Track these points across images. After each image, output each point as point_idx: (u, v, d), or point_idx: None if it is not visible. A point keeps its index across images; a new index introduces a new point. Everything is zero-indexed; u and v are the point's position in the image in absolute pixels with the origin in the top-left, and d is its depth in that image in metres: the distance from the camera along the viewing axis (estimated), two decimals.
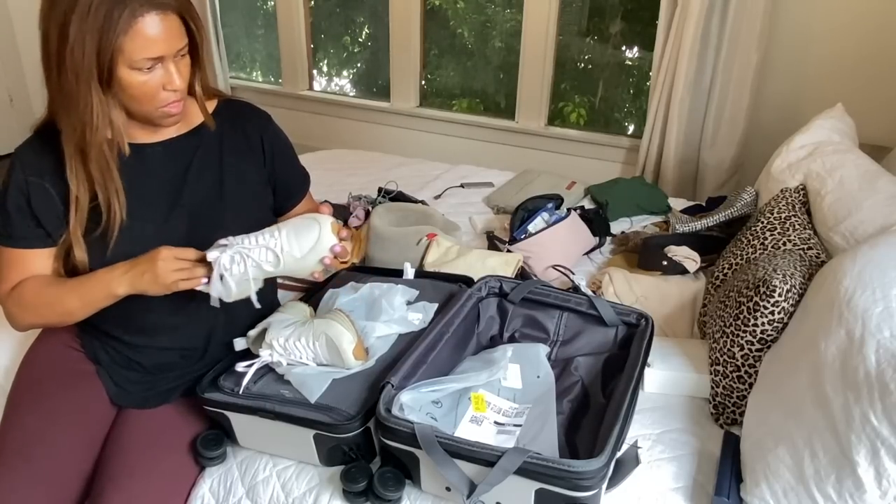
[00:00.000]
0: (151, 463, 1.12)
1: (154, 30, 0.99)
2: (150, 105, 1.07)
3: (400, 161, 2.69)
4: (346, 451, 1.11)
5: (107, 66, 0.99)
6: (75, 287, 1.11)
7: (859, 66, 2.57)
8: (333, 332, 1.13)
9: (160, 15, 1.00)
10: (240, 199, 1.22)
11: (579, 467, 0.93)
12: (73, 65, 0.98)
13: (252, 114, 1.27)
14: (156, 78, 1.04)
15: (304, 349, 1.15)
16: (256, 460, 1.18)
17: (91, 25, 0.96)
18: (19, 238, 1.12)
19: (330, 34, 3.87)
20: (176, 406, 1.23)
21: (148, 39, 0.99)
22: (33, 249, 1.13)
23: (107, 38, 0.97)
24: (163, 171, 1.17)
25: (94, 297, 1.10)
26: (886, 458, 0.88)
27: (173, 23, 1.02)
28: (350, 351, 1.13)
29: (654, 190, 2.30)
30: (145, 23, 0.98)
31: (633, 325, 1.31)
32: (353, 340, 1.14)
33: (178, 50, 1.05)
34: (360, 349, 1.15)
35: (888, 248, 1.05)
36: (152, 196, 1.16)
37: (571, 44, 3.23)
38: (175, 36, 1.03)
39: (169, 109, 1.09)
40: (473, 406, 1.15)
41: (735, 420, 1.24)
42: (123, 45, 0.98)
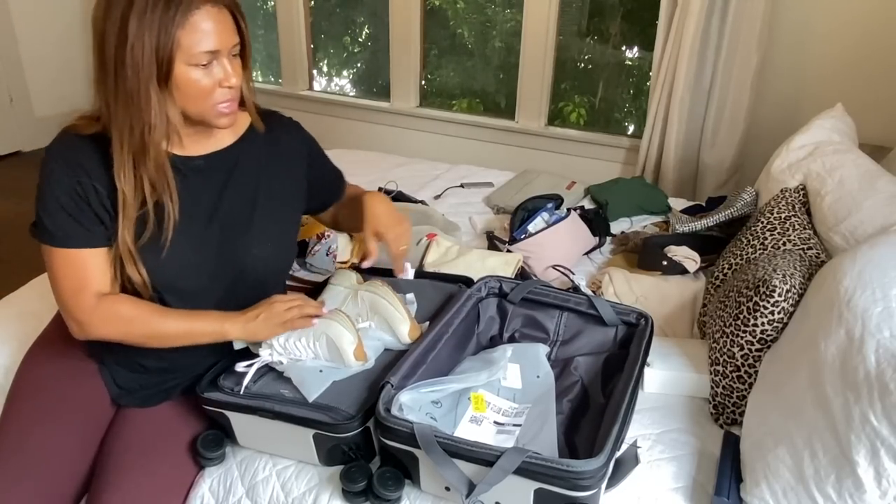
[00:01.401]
0: (150, 462, 1.12)
1: (209, 23, 1.01)
2: (206, 103, 1.07)
3: (400, 161, 2.69)
4: (345, 450, 1.11)
5: (165, 62, 1.00)
6: (184, 319, 1.12)
7: (859, 66, 2.57)
8: (334, 333, 1.13)
9: (214, 7, 1.02)
10: (270, 209, 1.22)
11: (578, 467, 0.93)
12: (133, 63, 0.99)
13: (285, 124, 1.28)
14: (212, 74, 1.05)
15: (305, 349, 1.15)
16: (256, 460, 1.18)
17: (149, 22, 0.97)
18: (71, 238, 1.08)
19: (330, 34, 3.87)
20: (175, 405, 1.23)
21: (204, 32, 1.01)
22: (90, 249, 1.09)
23: (165, 33, 0.98)
24: (201, 186, 1.16)
25: (202, 334, 1.13)
26: (886, 458, 0.88)
27: (226, 17, 1.04)
28: (351, 351, 1.14)
29: (654, 190, 2.30)
30: (201, 15, 1.00)
31: (633, 324, 1.31)
32: (354, 341, 1.14)
33: (233, 46, 1.06)
34: (360, 350, 1.16)
35: (888, 248, 1.05)
36: (189, 208, 1.14)
37: (571, 44, 3.23)
38: (229, 31, 1.05)
39: (224, 108, 1.09)
40: (473, 406, 1.15)
41: (735, 420, 1.24)
42: (181, 40, 1.00)
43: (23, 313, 1.53)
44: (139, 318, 1.10)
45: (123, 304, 1.11)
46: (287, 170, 1.26)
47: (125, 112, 1.02)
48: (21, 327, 1.47)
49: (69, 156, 1.07)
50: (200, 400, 1.14)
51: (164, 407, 1.22)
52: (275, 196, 1.23)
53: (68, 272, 1.09)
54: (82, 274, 1.09)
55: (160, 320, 1.11)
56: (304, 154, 1.29)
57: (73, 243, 1.08)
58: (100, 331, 1.11)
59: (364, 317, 1.23)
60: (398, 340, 1.22)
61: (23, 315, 1.52)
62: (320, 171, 1.34)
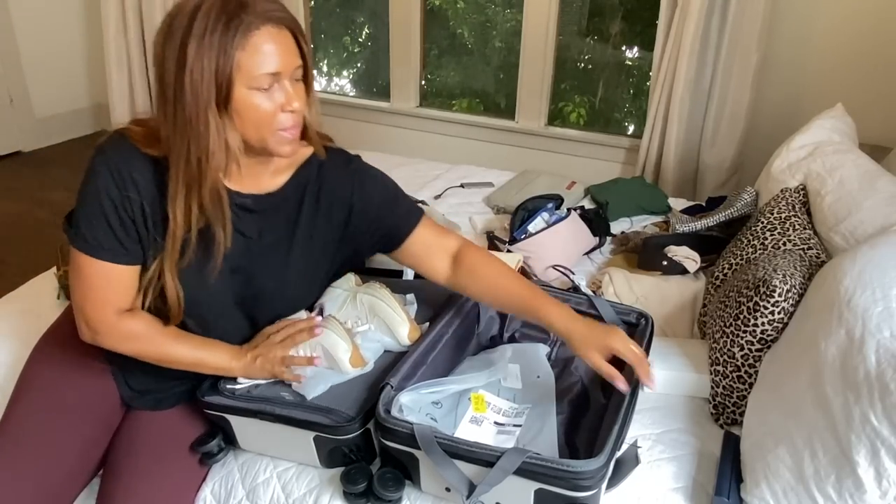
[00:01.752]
0: (162, 464, 1.12)
1: (270, 44, 0.97)
2: (268, 129, 1.02)
3: (400, 161, 2.69)
4: (346, 452, 1.11)
5: (225, 85, 0.96)
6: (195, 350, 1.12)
7: (859, 66, 2.57)
8: (328, 343, 1.13)
9: (275, 28, 0.98)
10: (302, 261, 1.18)
11: (579, 467, 0.93)
12: (192, 88, 0.95)
13: (345, 169, 1.19)
14: (273, 99, 1.00)
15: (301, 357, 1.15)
16: (257, 462, 1.18)
17: (208, 45, 0.94)
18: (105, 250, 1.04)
19: (330, 34, 3.87)
20: (186, 409, 1.22)
21: (265, 54, 0.97)
22: (122, 266, 1.06)
23: (225, 55, 0.94)
24: (242, 225, 1.13)
25: (208, 367, 1.13)
26: (886, 458, 0.88)
27: (288, 38, 1.00)
28: (347, 360, 1.14)
29: (654, 190, 2.30)
30: (261, 36, 0.96)
31: (633, 324, 1.31)
32: (349, 349, 1.14)
33: (295, 69, 1.01)
34: (356, 356, 1.15)
35: (888, 248, 1.05)
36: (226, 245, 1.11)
37: (571, 44, 3.23)
38: (291, 52, 1.00)
39: (285, 134, 1.03)
40: (473, 406, 1.15)
41: (735, 420, 1.24)
42: (241, 62, 0.96)
43: (23, 311, 1.54)
44: (153, 341, 1.10)
45: (140, 324, 1.10)
46: (333, 217, 1.18)
47: (183, 139, 0.98)
48: (21, 326, 1.47)
49: (122, 167, 1.03)
50: (201, 404, 1.14)
51: (176, 410, 1.21)
52: (308, 242, 1.18)
53: (94, 282, 1.06)
54: (108, 287, 1.07)
55: (173, 346, 1.11)
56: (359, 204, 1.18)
57: (105, 256, 1.05)
58: (111, 344, 1.10)
59: (363, 319, 1.22)
60: (398, 342, 1.22)
61: (23, 313, 1.53)
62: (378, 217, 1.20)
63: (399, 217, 1.22)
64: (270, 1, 0.99)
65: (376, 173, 1.22)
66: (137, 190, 1.03)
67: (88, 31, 4.03)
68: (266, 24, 0.97)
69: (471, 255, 1.21)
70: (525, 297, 1.15)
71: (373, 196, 1.19)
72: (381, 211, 1.20)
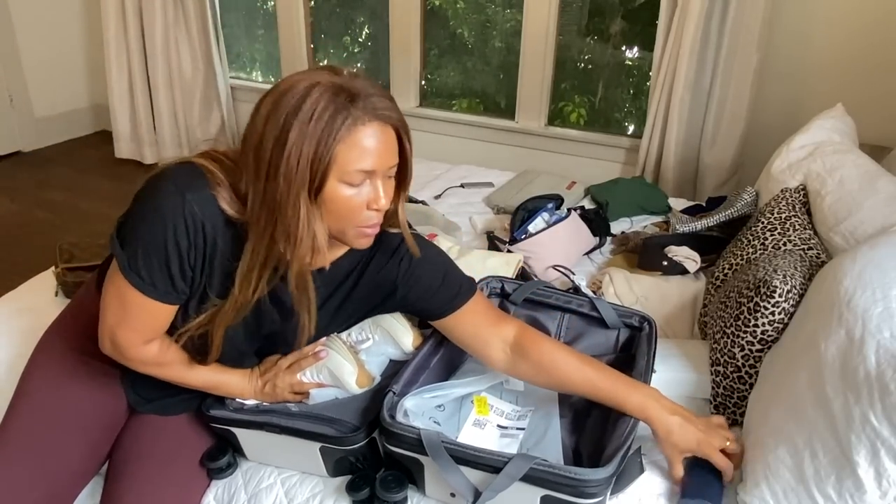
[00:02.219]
0: (167, 468, 1.12)
1: (372, 141, 0.94)
2: (351, 223, 0.99)
3: None
4: (353, 461, 1.11)
5: (320, 175, 0.93)
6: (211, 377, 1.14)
7: (859, 66, 2.57)
8: (334, 365, 1.14)
9: (381, 127, 0.95)
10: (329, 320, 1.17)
11: (587, 476, 0.93)
12: (287, 171, 0.91)
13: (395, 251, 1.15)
14: (363, 194, 0.97)
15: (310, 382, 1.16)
16: (261, 468, 1.18)
17: (312, 131, 0.91)
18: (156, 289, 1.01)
19: (330, 34, 3.87)
20: (191, 414, 1.22)
21: (364, 151, 0.94)
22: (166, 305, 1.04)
23: (325, 144, 0.91)
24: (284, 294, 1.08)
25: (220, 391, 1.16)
26: (886, 458, 0.88)
27: (391, 138, 0.98)
28: (353, 382, 1.14)
29: (654, 190, 2.30)
30: (365, 133, 0.93)
31: (636, 327, 1.31)
32: (354, 371, 1.14)
33: (390, 167, 0.99)
34: (363, 376, 1.15)
35: (888, 249, 1.05)
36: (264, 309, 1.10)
37: (571, 44, 3.23)
38: (390, 151, 0.98)
39: (367, 230, 1.01)
40: (476, 409, 1.15)
41: (735, 420, 1.24)
42: (339, 154, 0.92)
43: (22, 310, 1.54)
44: (171, 367, 1.12)
45: (161, 351, 1.09)
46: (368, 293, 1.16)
47: (271, 218, 0.94)
48: (21, 325, 1.47)
49: (197, 215, 0.97)
50: (206, 418, 1.14)
51: (183, 416, 1.21)
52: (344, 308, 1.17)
53: (133, 312, 1.03)
54: (146, 319, 1.04)
55: (189, 372, 1.13)
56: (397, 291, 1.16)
57: (153, 295, 1.01)
58: (130, 364, 1.11)
59: (366, 330, 1.21)
60: (402, 351, 1.22)
61: (22, 312, 1.53)
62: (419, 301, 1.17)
63: (442, 300, 1.17)
64: (382, 98, 0.96)
65: (427, 256, 1.17)
66: (206, 243, 0.99)
67: (88, 31, 4.03)
68: (374, 121, 0.94)
69: (536, 348, 1.14)
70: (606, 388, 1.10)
71: (420, 280, 1.16)
72: (425, 294, 1.16)
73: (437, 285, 1.16)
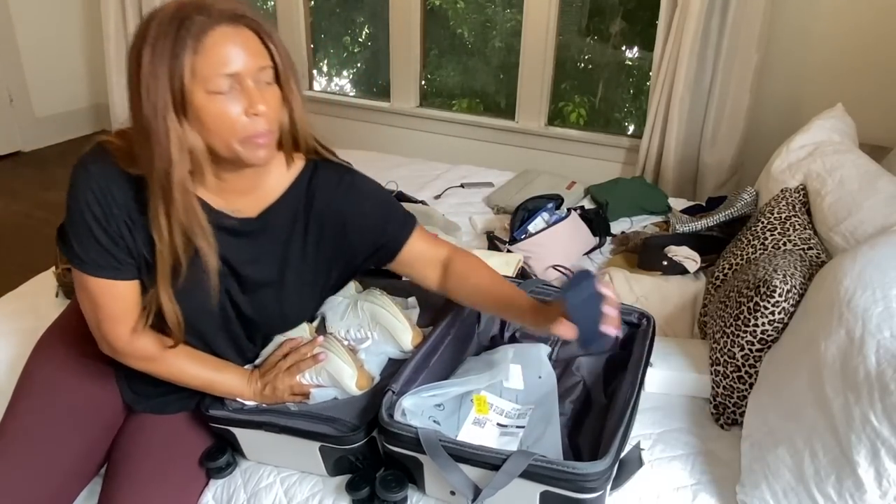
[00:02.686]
0: (164, 468, 1.12)
1: (225, 44, 0.92)
2: (234, 136, 0.96)
3: (400, 161, 2.69)
4: (352, 460, 1.11)
5: (180, 90, 0.92)
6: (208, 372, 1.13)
7: (859, 66, 2.57)
8: (333, 368, 1.14)
9: (231, 27, 0.93)
10: (298, 278, 1.16)
11: (585, 469, 0.93)
12: (148, 96, 0.92)
13: (338, 184, 1.14)
14: (235, 102, 0.95)
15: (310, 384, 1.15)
16: (260, 467, 1.18)
17: (161, 49, 0.90)
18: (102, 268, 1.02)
19: (330, 34, 3.87)
20: (189, 413, 1.22)
21: (219, 55, 0.92)
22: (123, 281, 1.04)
23: (177, 59, 0.91)
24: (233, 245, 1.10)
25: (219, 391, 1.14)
26: (886, 458, 0.88)
27: (248, 38, 0.95)
28: (353, 385, 1.14)
29: (654, 190, 2.30)
30: (215, 37, 0.92)
31: (635, 324, 1.31)
32: (354, 374, 1.14)
33: (259, 69, 0.96)
34: (362, 378, 1.15)
35: (888, 248, 1.06)
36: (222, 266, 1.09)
37: (571, 44, 3.23)
38: (250, 52, 0.94)
39: (256, 140, 0.97)
40: (476, 408, 1.15)
41: (735, 420, 1.24)
42: (195, 65, 0.91)
43: (22, 310, 1.54)
44: (168, 362, 1.11)
45: (156, 345, 1.09)
46: (326, 236, 1.15)
47: (147, 149, 0.95)
48: (21, 325, 1.47)
49: (103, 184, 1.00)
50: (206, 417, 1.14)
51: (180, 415, 1.21)
52: (304, 260, 1.15)
53: (100, 300, 1.05)
54: (114, 304, 1.05)
55: (187, 368, 1.12)
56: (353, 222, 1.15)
57: (103, 274, 1.02)
58: (130, 363, 1.11)
59: (365, 327, 1.21)
60: (401, 349, 1.22)
61: (23, 312, 1.53)
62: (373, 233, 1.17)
63: (393, 231, 1.18)
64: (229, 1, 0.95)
65: (370, 188, 1.18)
66: (118, 205, 1.00)
67: (88, 31, 4.03)
68: (220, 24, 0.92)
69: (460, 262, 1.20)
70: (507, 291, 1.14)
71: (366, 213, 1.15)
72: (375, 227, 1.17)
73: (385, 214, 1.18)
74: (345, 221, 1.14)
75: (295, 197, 1.13)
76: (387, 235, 1.18)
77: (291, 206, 1.13)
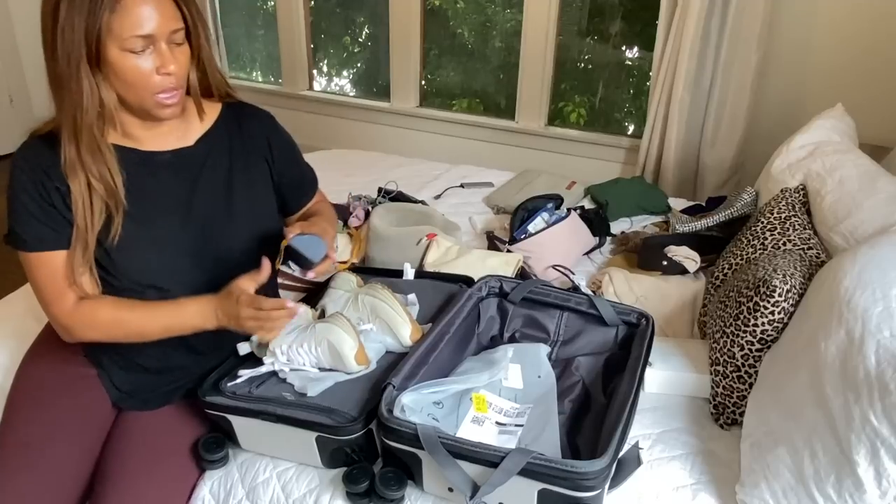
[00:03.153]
0: (152, 465, 1.12)
1: (141, 7, 0.97)
2: (144, 91, 1.03)
3: (400, 161, 2.69)
4: (348, 453, 1.11)
5: (95, 46, 0.98)
6: (159, 316, 1.11)
7: (859, 66, 2.58)
8: (335, 338, 1.13)
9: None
10: (248, 207, 1.21)
11: (583, 468, 0.93)
12: (63, 46, 0.97)
13: (257, 116, 1.26)
14: (148, 61, 1.01)
15: (307, 355, 1.15)
16: (257, 462, 1.18)
17: (79, 4, 0.95)
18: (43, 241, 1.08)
19: (330, 34, 3.87)
20: (176, 408, 1.23)
21: (136, 17, 0.97)
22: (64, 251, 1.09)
23: (94, 16, 0.96)
24: (172, 181, 1.16)
25: (180, 328, 1.12)
26: (886, 458, 0.88)
27: (164, 2, 1.00)
28: (352, 356, 1.14)
29: (654, 190, 2.30)
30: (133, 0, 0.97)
31: (634, 324, 1.32)
32: (355, 346, 1.14)
33: (172, 32, 1.02)
34: (361, 354, 1.16)
35: (888, 248, 1.05)
36: (162, 205, 1.14)
37: (571, 44, 3.23)
38: (166, 16, 1.00)
39: (164, 99, 1.05)
40: (475, 406, 1.15)
41: (735, 420, 1.24)
42: (111, 24, 0.97)
43: (23, 313, 1.54)
44: (119, 321, 1.11)
45: (102, 308, 1.11)
46: (259, 164, 1.24)
47: (60, 96, 1.01)
48: (22, 327, 1.47)
49: (31, 159, 1.07)
50: (202, 404, 1.14)
51: (166, 410, 1.22)
52: (248, 187, 1.22)
53: (46, 279, 1.09)
54: (58, 277, 1.09)
55: (139, 319, 1.11)
56: (276, 146, 1.25)
57: (44, 246, 1.08)
58: (84, 334, 1.12)
59: (365, 320, 1.23)
60: (400, 343, 1.22)
61: (23, 315, 1.53)
62: (291, 167, 1.30)
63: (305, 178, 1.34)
64: None
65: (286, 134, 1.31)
66: (47, 174, 1.06)
67: None
68: None
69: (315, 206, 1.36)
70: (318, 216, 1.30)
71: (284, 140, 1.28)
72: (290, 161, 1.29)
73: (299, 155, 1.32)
74: (270, 145, 1.25)
75: (225, 127, 1.21)
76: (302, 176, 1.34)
77: (225, 135, 1.21)
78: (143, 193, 1.12)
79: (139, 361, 1.21)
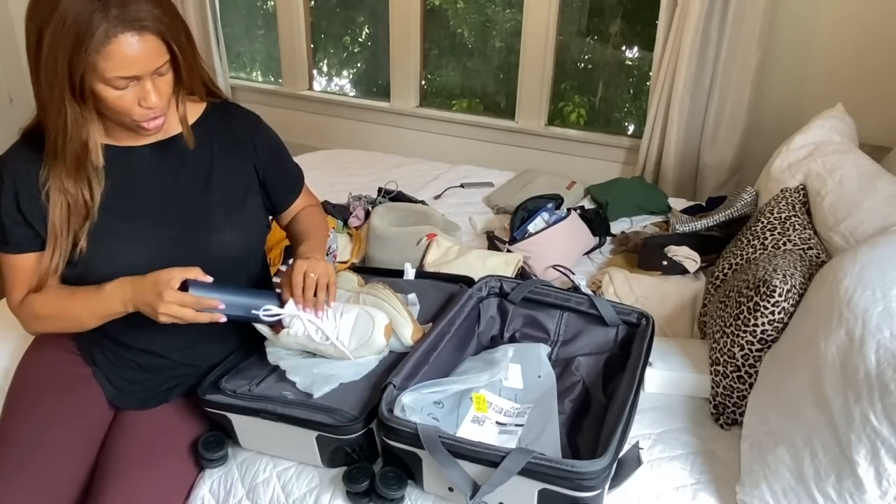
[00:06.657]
0: (150, 464, 1.12)
1: (129, 50, 0.96)
2: (126, 118, 1.04)
3: (400, 161, 2.70)
4: (348, 452, 1.11)
5: (79, 80, 0.97)
6: (86, 300, 1.10)
7: (860, 66, 2.58)
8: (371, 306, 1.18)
9: (136, 36, 0.96)
10: (229, 203, 1.20)
11: (583, 468, 0.93)
12: (46, 74, 0.97)
13: (241, 115, 1.26)
14: (131, 94, 1.01)
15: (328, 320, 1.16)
16: (256, 461, 1.18)
17: (64, 41, 0.94)
18: (15, 244, 1.10)
19: (330, 34, 3.87)
20: (174, 407, 1.23)
21: (122, 59, 0.96)
22: (34, 253, 1.11)
23: (79, 55, 0.94)
24: (151, 175, 1.16)
25: (105, 313, 1.11)
26: (886, 458, 0.88)
27: (150, 43, 0.98)
28: (409, 336, 1.19)
29: (653, 190, 2.30)
30: (119, 43, 0.95)
31: (634, 324, 1.32)
32: (411, 326, 1.20)
33: (156, 69, 1.01)
34: (417, 331, 1.21)
35: (888, 248, 1.06)
36: (141, 199, 1.14)
37: (571, 44, 3.23)
38: (151, 56, 0.99)
39: (146, 125, 1.06)
40: (475, 406, 1.15)
41: (735, 420, 1.24)
42: (97, 63, 0.96)
43: None
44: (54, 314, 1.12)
45: (42, 299, 1.12)
46: (243, 161, 1.23)
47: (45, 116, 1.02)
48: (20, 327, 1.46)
49: (14, 161, 1.08)
50: (202, 402, 1.14)
51: (164, 409, 1.22)
52: (230, 182, 1.21)
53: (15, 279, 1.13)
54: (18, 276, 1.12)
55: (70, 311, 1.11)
56: (260, 145, 1.25)
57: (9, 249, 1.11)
58: (33, 326, 1.16)
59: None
60: (401, 343, 1.22)
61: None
62: (276, 165, 1.29)
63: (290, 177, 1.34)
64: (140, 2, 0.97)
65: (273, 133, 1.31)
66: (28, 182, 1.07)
67: None
68: (126, 31, 0.95)
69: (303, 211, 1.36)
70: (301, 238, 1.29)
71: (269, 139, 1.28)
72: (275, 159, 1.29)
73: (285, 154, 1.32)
74: (255, 143, 1.25)
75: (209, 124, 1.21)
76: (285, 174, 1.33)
77: (208, 132, 1.21)
78: (120, 186, 1.13)
79: (133, 359, 1.21)
